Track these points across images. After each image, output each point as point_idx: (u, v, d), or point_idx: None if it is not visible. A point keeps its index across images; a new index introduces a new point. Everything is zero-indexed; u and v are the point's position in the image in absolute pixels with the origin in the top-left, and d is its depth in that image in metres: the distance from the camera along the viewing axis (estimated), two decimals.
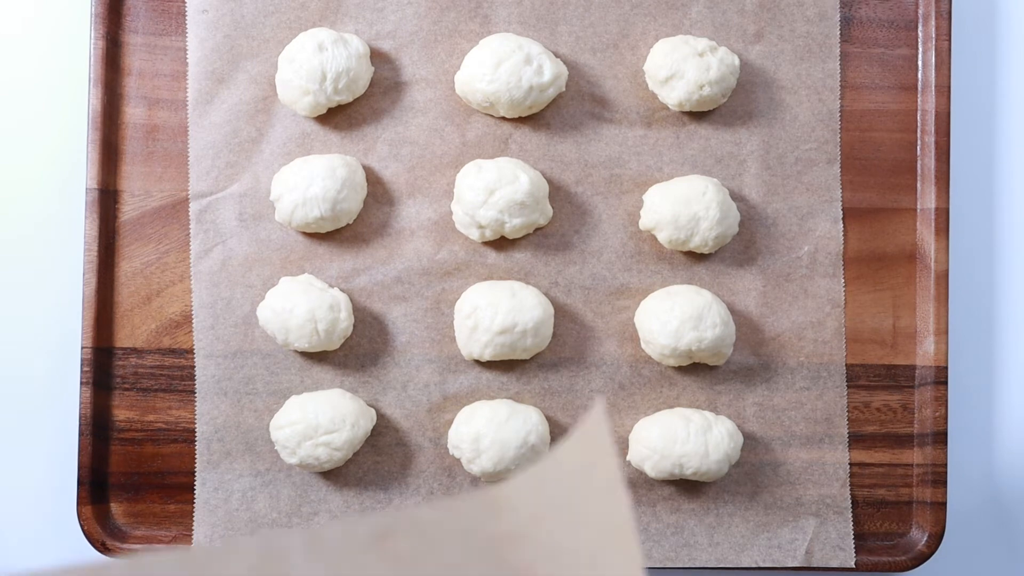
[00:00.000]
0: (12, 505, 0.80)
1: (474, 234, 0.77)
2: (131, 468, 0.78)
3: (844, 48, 0.79)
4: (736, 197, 0.78)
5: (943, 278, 0.78)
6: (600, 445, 0.48)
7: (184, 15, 0.78)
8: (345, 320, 0.76)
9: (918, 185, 0.79)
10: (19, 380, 0.81)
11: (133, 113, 0.79)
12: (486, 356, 0.76)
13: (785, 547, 0.77)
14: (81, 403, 0.77)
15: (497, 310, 0.75)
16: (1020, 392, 0.82)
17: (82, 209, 0.79)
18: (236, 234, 0.78)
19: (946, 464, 0.78)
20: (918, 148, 0.79)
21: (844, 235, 0.79)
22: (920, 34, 0.79)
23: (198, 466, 0.77)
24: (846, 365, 0.78)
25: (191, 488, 0.78)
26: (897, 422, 0.79)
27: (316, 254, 0.78)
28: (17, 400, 0.81)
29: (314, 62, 0.76)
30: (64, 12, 0.81)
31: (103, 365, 0.78)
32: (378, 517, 0.46)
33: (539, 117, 0.79)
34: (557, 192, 0.78)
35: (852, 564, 0.77)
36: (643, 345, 0.78)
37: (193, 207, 0.78)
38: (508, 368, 0.78)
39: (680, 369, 0.78)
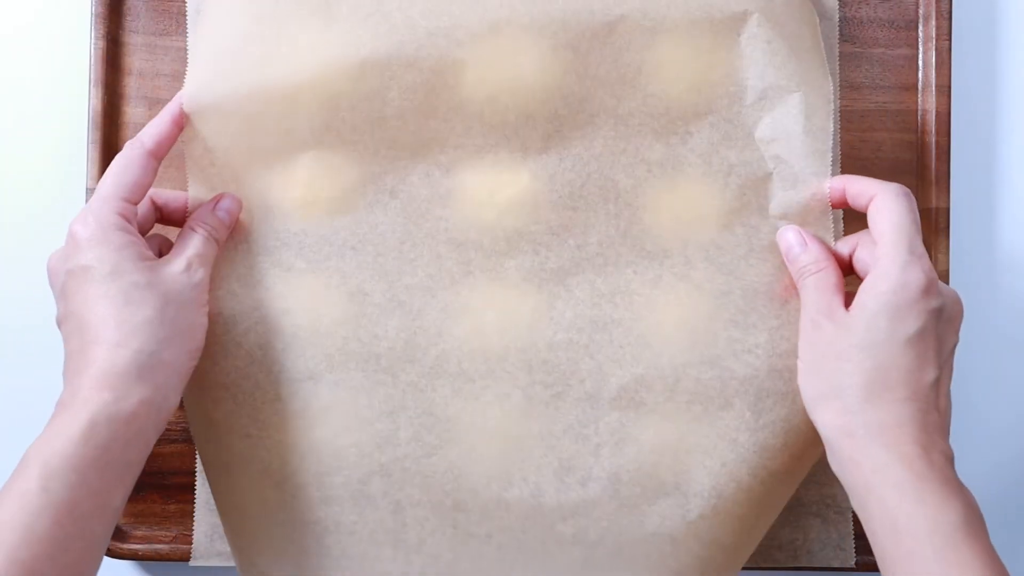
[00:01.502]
0: None
1: None
2: None
3: (844, 48, 0.79)
4: None
5: (944, 278, 0.78)
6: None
7: (184, 15, 0.78)
8: None
9: (918, 185, 0.79)
10: (23, 383, 0.81)
11: (134, 113, 0.79)
12: None
13: (785, 547, 0.77)
14: None
15: None
16: (1023, 394, 0.82)
17: None
18: None
19: None
20: (919, 148, 0.79)
21: (844, 235, 0.78)
22: (920, 34, 0.79)
23: (199, 466, 0.77)
24: None
25: (192, 488, 0.78)
26: None
27: None
28: (21, 403, 0.81)
29: None
30: (64, 12, 0.81)
31: None
32: None
33: None
34: None
35: (852, 564, 0.77)
36: None
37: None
38: None
39: None
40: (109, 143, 0.78)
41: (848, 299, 0.66)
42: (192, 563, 0.77)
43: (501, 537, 0.70)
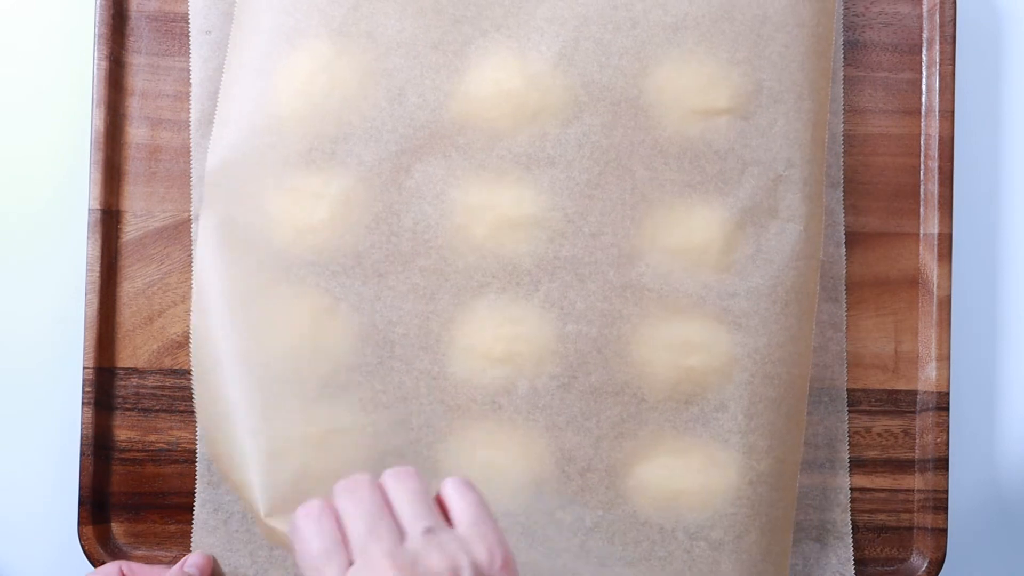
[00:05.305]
0: (13, 524, 0.80)
1: None
2: (132, 488, 0.78)
3: (847, 72, 0.79)
4: None
5: (945, 303, 0.78)
6: None
7: (187, 36, 0.78)
8: None
9: (921, 210, 0.79)
10: (20, 400, 0.81)
11: (136, 133, 0.79)
12: None
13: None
14: (82, 423, 0.77)
15: None
16: (1022, 418, 0.82)
17: (84, 229, 0.79)
18: None
19: (947, 490, 0.77)
20: (921, 173, 0.79)
21: (846, 259, 0.78)
22: (924, 58, 0.79)
23: (198, 487, 0.77)
24: (847, 390, 0.78)
25: (192, 509, 0.78)
26: (898, 447, 0.79)
27: None
28: (18, 420, 0.81)
29: None
30: (67, 32, 0.81)
31: (104, 385, 0.78)
32: None
33: None
34: None
35: None
36: None
37: (195, 228, 0.78)
38: None
39: None
40: (111, 163, 0.78)
41: None
42: None
43: (506, 521, 0.72)
